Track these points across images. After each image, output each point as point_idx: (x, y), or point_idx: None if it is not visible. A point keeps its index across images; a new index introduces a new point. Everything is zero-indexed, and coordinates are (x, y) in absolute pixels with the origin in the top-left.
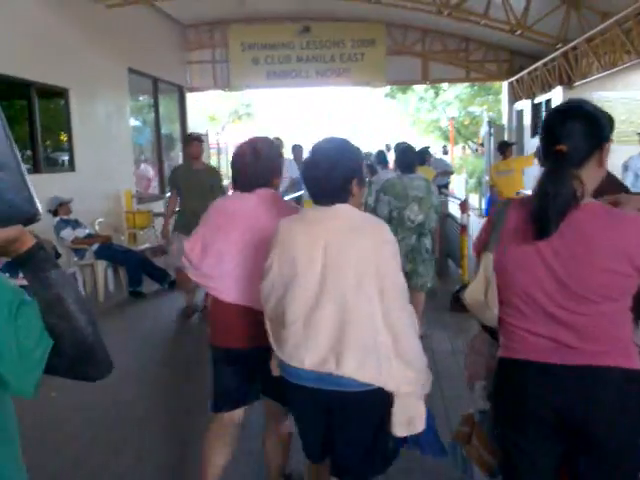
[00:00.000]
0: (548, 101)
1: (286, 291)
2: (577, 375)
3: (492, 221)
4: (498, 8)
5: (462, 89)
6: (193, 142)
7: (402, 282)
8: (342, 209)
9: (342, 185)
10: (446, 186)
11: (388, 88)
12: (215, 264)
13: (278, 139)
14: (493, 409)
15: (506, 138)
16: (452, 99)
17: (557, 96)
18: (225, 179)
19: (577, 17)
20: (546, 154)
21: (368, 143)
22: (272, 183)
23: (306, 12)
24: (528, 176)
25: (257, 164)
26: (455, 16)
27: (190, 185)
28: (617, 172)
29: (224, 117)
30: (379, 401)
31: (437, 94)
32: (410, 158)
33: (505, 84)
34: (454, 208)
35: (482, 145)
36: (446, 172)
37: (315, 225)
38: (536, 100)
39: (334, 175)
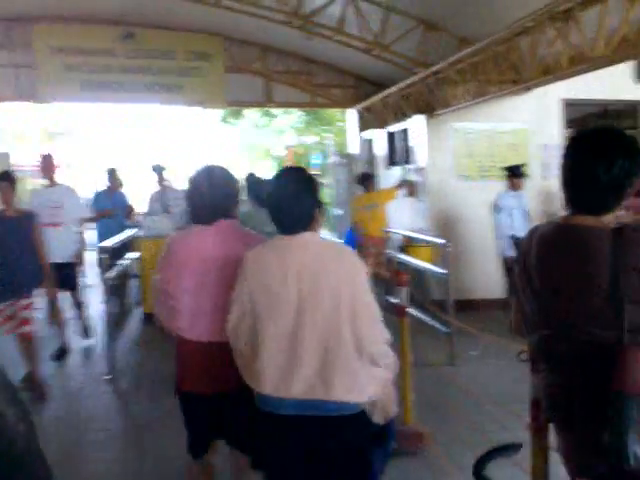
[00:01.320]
0: (405, 130)
1: (260, 321)
2: None
3: None
4: (352, 25)
5: (296, 117)
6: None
7: (374, 302)
8: (309, 236)
9: (308, 213)
10: None
11: (222, 112)
12: (177, 302)
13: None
14: None
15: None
16: (286, 127)
17: (418, 125)
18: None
19: (435, 41)
20: None
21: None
22: (231, 212)
23: (130, 16)
24: (390, 211)
25: (213, 195)
26: (307, 30)
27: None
28: (483, 209)
29: (37, 136)
30: (365, 422)
31: (271, 121)
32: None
33: (353, 111)
34: None
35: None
36: None
37: (287, 254)
38: (390, 129)
39: (301, 204)
